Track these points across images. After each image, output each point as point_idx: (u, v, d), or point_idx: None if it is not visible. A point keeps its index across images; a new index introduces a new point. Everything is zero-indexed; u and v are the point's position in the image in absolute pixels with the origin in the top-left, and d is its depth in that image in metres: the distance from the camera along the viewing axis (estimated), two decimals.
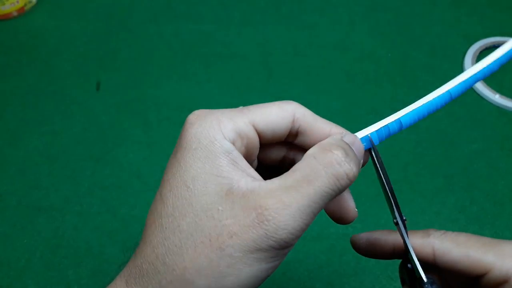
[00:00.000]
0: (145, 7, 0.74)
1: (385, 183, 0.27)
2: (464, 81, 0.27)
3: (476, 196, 0.52)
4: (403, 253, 0.28)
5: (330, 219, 0.50)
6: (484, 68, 0.27)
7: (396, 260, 0.47)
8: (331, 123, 0.26)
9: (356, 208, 0.28)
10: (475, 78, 0.27)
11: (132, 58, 0.67)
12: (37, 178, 0.54)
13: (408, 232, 0.26)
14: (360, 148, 0.25)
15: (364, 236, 0.28)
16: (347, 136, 0.25)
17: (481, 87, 0.61)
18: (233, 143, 0.23)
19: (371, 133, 0.27)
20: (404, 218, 0.27)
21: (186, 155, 0.23)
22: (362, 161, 0.25)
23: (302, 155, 0.24)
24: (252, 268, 0.21)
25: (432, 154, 0.56)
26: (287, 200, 0.21)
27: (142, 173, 0.54)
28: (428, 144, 0.57)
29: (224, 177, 0.22)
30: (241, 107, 0.25)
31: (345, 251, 0.48)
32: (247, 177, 0.22)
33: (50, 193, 0.53)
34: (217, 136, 0.23)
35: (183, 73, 0.65)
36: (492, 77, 0.63)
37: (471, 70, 0.27)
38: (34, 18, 0.72)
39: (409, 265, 0.26)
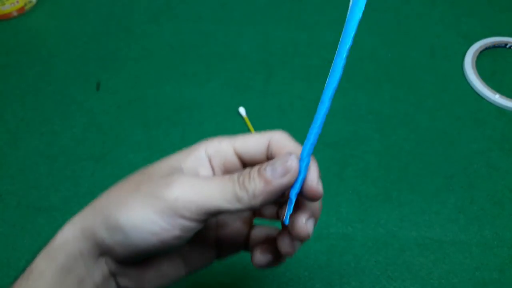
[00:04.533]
0: (145, 7, 0.74)
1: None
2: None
3: (476, 196, 0.52)
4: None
5: (330, 219, 0.50)
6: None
7: (396, 260, 0.47)
8: (297, 145, 0.29)
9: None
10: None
11: (132, 58, 0.67)
12: (37, 178, 0.54)
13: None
14: (276, 168, 0.26)
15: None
16: (269, 166, 0.26)
17: (481, 87, 0.61)
18: (210, 157, 0.29)
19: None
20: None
21: (173, 155, 0.29)
22: (277, 179, 0.26)
23: None
24: (147, 211, 0.25)
25: (432, 154, 0.56)
26: (197, 188, 0.26)
27: None
28: (428, 144, 0.57)
29: (181, 168, 0.28)
30: (232, 135, 0.30)
31: (345, 251, 0.48)
32: (196, 173, 0.28)
33: (50, 193, 0.53)
34: (200, 148, 0.29)
35: (183, 73, 0.65)
36: (492, 77, 0.63)
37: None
38: (34, 18, 0.73)
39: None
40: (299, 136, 0.57)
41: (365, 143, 0.57)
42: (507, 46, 0.67)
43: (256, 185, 0.25)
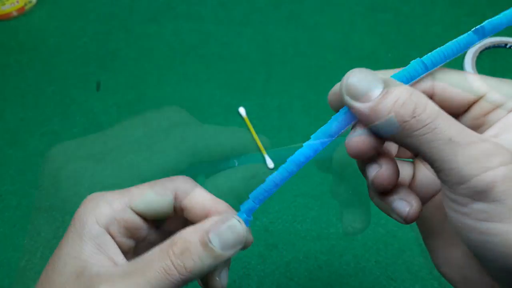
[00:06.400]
0: (145, 7, 0.74)
1: None
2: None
3: None
4: None
5: (330, 219, 0.50)
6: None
7: (396, 260, 0.47)
8: (216, 200, 0.25)
9: None
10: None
11: (132, 58, 0.67)
12: (37, 178, 0.54)
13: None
14: (227, 238, 0.23)
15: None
16: (214, 223, 0.23)
17: None
18: (107, 227, 0.24)
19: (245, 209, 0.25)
20: None
21: (64, 236, 0.25)
22: (229, 251, 0.23)
23: None
24: None
25: None
26: (119, 286, 0.22)
27: (142, 173, 0.54)
28: None
29: (82, 260, 0.23)
30: (125, 189, 0.26)
31: (345, 251, 0.48)
32: (106, 261, 0.23)
33: (50, 193, 0.53)
34: (88, 221, 0.24)
35: (183, 73, 0.65)
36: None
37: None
38: (34, 18, 0.72)
39: None
40: (299, 136, 0.57)
41: None
42: (507, 46, 0.67)
43: (203, 263, 0.22)
